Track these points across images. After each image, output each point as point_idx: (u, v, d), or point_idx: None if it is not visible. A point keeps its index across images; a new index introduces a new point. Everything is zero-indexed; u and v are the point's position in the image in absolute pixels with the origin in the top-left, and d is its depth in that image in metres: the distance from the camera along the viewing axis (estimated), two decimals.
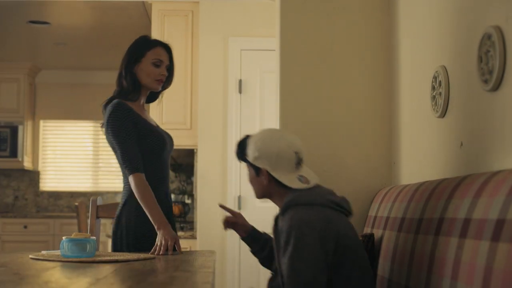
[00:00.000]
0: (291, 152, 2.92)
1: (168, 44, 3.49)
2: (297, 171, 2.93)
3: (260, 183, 2.98)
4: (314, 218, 2.73)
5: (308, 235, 2.68)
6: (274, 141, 2.94)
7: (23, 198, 9.63)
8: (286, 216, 2.80)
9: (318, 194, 2.87)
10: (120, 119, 3.26)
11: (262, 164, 2.93)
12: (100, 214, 3.64)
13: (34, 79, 9.65)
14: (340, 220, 2.81)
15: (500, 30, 2.40)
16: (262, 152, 2.93)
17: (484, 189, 2.12)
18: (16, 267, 2.36)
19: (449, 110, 2.93)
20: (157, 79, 3.39)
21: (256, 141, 2.97)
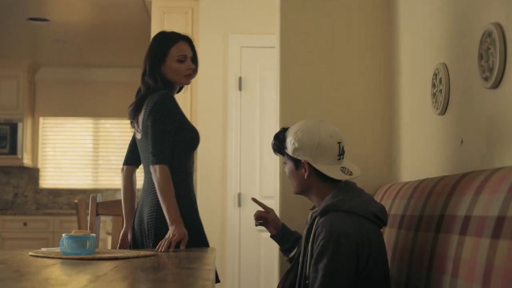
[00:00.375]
0: (334, 142, 2.78)
1: (188, 35, 3.44)
2: (339, 163, 2.80)
3: (300, 176, 2.83)
4: (352, 231, 2.59)
5: (344, 249, 2.55)
6: (314, 131, 2.79)
7: (23, 195, 9.63)
8: (324, 221, 2.65)
9: (360, 202, 2.70)
10: (167, 107, 3.20)
11: (302, 156, 2.78)
12: (100, 211, 3.64)
13: (33, 76, 9.65)
14: (375, 234, 2.66)
15: (501, 27, 2.39)
16: (302, 143, 2.78)
17: (485, 186, 2.12)
18: (16, 264, 2.36)
19: (450, 107, 2.93)
20: (185, 74, 3.35)
21: (295, 132, 2.83)
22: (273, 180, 4.58)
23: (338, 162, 2.79)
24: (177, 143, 3.23)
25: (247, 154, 5.83)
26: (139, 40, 7.91)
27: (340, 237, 2.56)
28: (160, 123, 3.17)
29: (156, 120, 3.18)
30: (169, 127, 3.18)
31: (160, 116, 3.18)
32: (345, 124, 3.88)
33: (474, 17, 2.67)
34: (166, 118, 3.18)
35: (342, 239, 2.55)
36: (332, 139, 2.78)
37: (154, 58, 3.34)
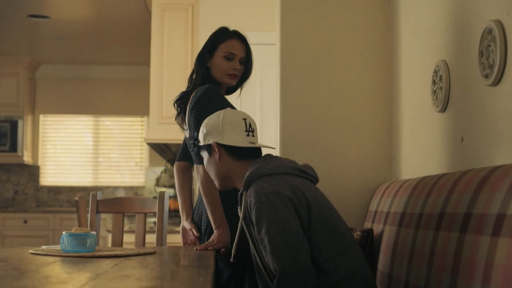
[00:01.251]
0: (238, 118, 2.75)
1: (244, 35, 3.33)
2: (248, 140, 2.74)
3: (214, 163, 2.77)
4: (281, 187, 2.51)
5: (279, 204, 2.46)
6: (218, 114, 2.78)
7: (23, 193, 9.64)
8: (250, 191, 2.57)
9: (279, 163, 2.65)
10: (210, 102, 3.07)
11: (211, 138, 2.75)
12: (100, 209, 3.64)
13: (34, 74, 9.65)
14: (307, 186, 2.59)
15: (501, 24, 2.39)
16: (209, 126, 2.76)
17: (485, 183, 2.12)
18: (16, 262, 2.36)
19: (450, 104, 2.93)
20: (228, 73, 3.23)
21: (203, 121, 2.83)
22: None
23: (247, 138, 2.74)
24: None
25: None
26: (140, 38, 7.91)
27: (269, 196, 2.48)
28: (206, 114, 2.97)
29: (198, 116, 3.05)
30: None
31: (203, 112, 3.03)
32: (346, 121, 3.88)
33: (474, 14, 2.67)
34: (209, 113, 2.97)
35: (272, 197, 2.48)
36: (236, 116, 2.76)
37: (204, 51, 3.27)
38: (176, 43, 6.03)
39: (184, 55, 5.91)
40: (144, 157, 9.77)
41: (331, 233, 2.53)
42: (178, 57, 6.02)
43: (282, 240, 2.43)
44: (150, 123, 6.14)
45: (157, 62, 6.00)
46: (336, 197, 3.29)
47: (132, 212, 3.66)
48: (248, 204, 2.56)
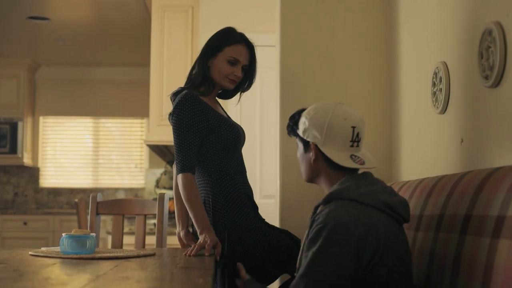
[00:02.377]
0: (347, 125, 2.48)
1: (252, 43, 3.27)
2: (351, 151, 2.49)
3: (307, 160, 2.56)
4: (354, 221, 2.26)
5: (340, 240, 2.23)
6: (328, 111, 2.50)
7: (23, 194, 9.63)
8: (326, 209, 2.35)
9: (372, 191, 2.38)
10: (186, 111, 3.03)
11: (311, 137, 2.51)
12: (100, 211, 3.64)
13: (33, 75, 9.65)
14: (388, 228, 2.31)
15: (501, 25, 2.39)
16: (313, 122, 2.50)
17: (485, 185, 2.12)
18: (15, 264, 2.35)
19: (450, 106, 2.93)
20: (228, 77, 3.15)
21: (309, 110, 2.57)
22: (273, 180, 4.58)
23: (350, 149, 2.48)
24: (210, 145, 3.09)
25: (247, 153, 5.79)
26: (139, 39, 7.91)
27: (337, 225, 2.25)
28: (181, 129, 3.02)
29: (176, 127, 3.04)
30: (192, 131, 3.03)
31: (180, 122, 3.02)
32: None
33: (474, 15, 2.67)
34: (186, 122, 3.02)
35: (338, 227, 2.25)
36: (345, 122, 2.48)
37: (208, 48, 3.20)
38: (176, 44, 6.03)
39: (184, 56, 5.91)
40: (144, 158, 9.77)
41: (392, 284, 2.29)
42: (178, 59, 6.02)
43: (321, 273, 2.25)
44: (150, 124, 6.15)
45: (157, 63, 6.00)
46: None
47: (132, 214, 3.66)
48: (316, 219, 2.36)
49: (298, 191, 3.69)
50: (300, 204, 3.47)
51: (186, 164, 2.99)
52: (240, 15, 5.85)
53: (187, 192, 2.96)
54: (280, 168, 3.87)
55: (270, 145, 5.59)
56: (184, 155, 2.99)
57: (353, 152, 2.49)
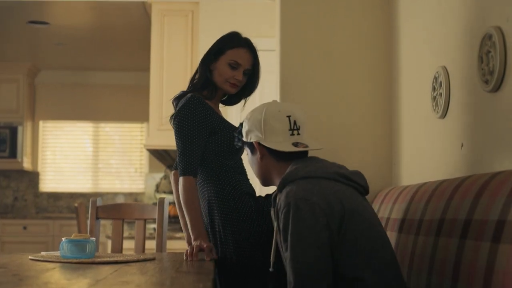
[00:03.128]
0: (282, 115, 2.58)
1: (256, 47, 3.24)
2: (292, 139, 2.57)
3: (256, 162, 2.66)
4: (312, 193, 2.32)
5: (306, 213, 2.28)
6: (261, 108, 2.63)
7: (23, 199, 9.63)
8: (281, 194, 2.41)
9: (320, 166, 2.47)
10: (191, 114, 3.01)
11: (253, 137, 2.61)
12: (99, 215, 3.63)
13: (33, 80, 9.66)
14: (348, 194, 2.37)
15: (501, 30, 2.39)
16: (251, 122, 2.62)
17: (485, 190, 2.12)
18: (15, 268, 2.35)
19: (450, 111, 2.93)
20: (229, 81, 3.13)
21: (247, 115, 2.68)
22: None
23: (291, 138, 2.57)
24: (212, 147, 3.07)
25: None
26: (139, 43, 7.92)
27: (298, 202, 2.30)
28: (185, 131, 3.01)
29: (179, 129, 3.03)
30: (196, 134, 3.01)
31: (184, 124, 3.02)
32: (345, 128, 3.88)
33: (474, 20, 2.67)
34: (191, 125, 3.01)
35: (301, 203, 2.29)
36: (280, 113, 2.58)
37: (211, 51, 3.19)
38: (176, 49, 6.03)
39: (184, 61, 5.91)
40: (144, 163, 9.77)
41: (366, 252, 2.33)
42: (178, 63, 6.02)
43: (301, 252, 2.28)
44: (150, 129, 6.15)
45: (157, 68, 6.00)
46: None
47: (131, 218, 3.66)
48: (277, 208, 2.40)
49: None
50: None
51: (189, 167, 2.98)
52: (240, 20, 5.85)
53: (187, 196, 2.95)
54: None
55: None
56: (187, 158, 2.98)
57: (295, 140, 2.56)
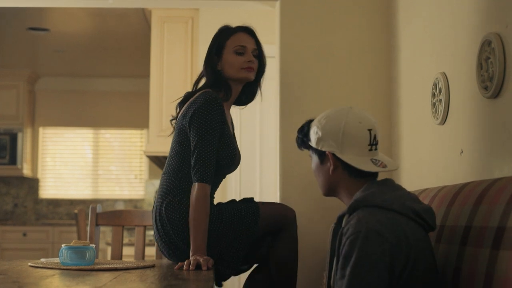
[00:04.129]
0: (363, 128, 2.38)
1: (250, 27, 3.12)
2: (370, 155, 2.38)
3: (325, 172, 2.42)
4: (385, 227, 2.13)
5: (375, 248, 2.10)
6: (341, 117, 2.39)
7: (23, 205, 9.62)
8: (352, 218, 2.21)
9: (397, 196, 2.26)
10: (211, 113, 2.85)
11: (326, 146, 2.39)
12: (99, 222, 3.63)
13: (33, 86, 9.66)
14: (417, 235, 2.18)
15: (500, 37, 2.39)
16: (327, 131, 2.39)
17: (485, 196, 2.12)
18: (15, 275, 2.35)
19: (449, 117, 2.93)
20: (243, 67, 2.98)
21: (320, 119, 2.45)
22: (273, 188, 4.57)
23: (369, 153, 2.37)
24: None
25: (247, 163, 5.82)
26: (139, 50, 7.92)
27: (369, 233, 2.12)
28: (207, 131, 2.85)
29: (201, 127, 2.86)
30: (215, 136, 2.87)
31: (206, 123, 2.86)
32: None
33: (473, 26, 2.67)
34: (213, 125, 2.85)
35: (372, 236, 2.11)
36: (361, 126, 2.38)
37: (210, 53, 3.06)
38: (175, 55, 6.04)
39: (184, 67, 5.92)
40: (144, 169, 9.76)
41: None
42: (178, 70, 6.02)
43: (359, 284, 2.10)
44: (149, 135, 6.15)
45: (157, 74, 6.01)
46: (336, 209, 3.28)
47: (131, 225, 3.65)
48: (344, 231, 2.21)
49: (298, 203, 3.68)
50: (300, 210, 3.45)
51: (208, 175, 2.84)
52: None
53: (203, 206, 2.81)
54: (280, 181, 3.87)
55: (270, 158, 5.59)
56: (207, 164, 2.84)
57: (372, 156, 2.38)
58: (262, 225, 2.96)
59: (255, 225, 2.94)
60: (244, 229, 2.93)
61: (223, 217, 2.93)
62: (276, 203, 3.20)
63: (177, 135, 2.97)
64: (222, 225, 2.92)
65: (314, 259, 3.17)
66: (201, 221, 2.80)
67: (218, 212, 2.93)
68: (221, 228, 2.91)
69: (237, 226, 2.93)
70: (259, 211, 2.97)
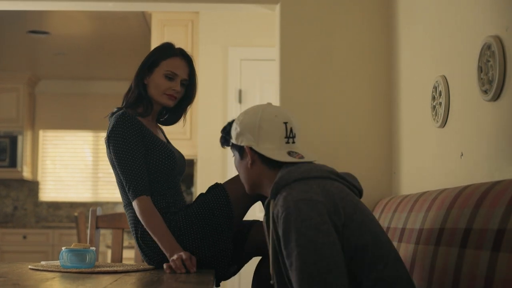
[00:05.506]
0: (279, 121, 2.41)
1: (191, 56, 3.08)
2: (287, 147, 2.41)
3: (245, 167, 2.47)
4: (313, 191, 2.16)
5: (310, 212, 2.10)
6: (257, 112, 2.44)
7: (23, 208, 9.62)
8: (278, 200, 2.21)
9: (314, 167, 2.30)
10: (125, 132, 2.85)
11: (244, 141, 2.43)
12: (99, 225, 3.63)
13: (33, 89, 9.66)
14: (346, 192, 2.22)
15: (500, 40, 2.40)
16: (244, 125, 2.44)
17: (485, 199, 2.12)
18: (15, 278, 2.35)
19: (449, 120, 2.93)
20: (166, 93, 2.97)
21: (238, 116, 2.51)
22: None
23: (286, 146, 2.40)
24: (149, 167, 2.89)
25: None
26: (139, 53, 7.90)
27: (299, 203, 2.12)
28: (122, 151, 2.83)
29: (116, 149, 2.85)
30: (135, 151, 2.84)
31: (120, 143, 2.84)
32: (345, 136, 3.88)
33: (473, 30, 2.67)
34: (126, 143, 2.83)
35: (302, 204, 2.12)
36: (276, 119, 2.41)
37: (144, 65, 3.05)
38: None
39: None
40: None
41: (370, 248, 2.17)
42: None
43: (313, 252, 2.06)
44: None
45: None
46: None
47: None
48: (275, 215, 2.20)
49: None
50: None
51: (139, 188, 2.80)
52: (240, 29, 5.87)
53: (149, 216, 2.77)
54: None
55: None
56: (134, 178, 2.80)
57: (290, 148, 2.40)
58: (238, 203, 2.89)
59: (228, 208, 2.88)
60: (220, 217, 2.87)
61: (192, 219, 2.87)
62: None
63: (110, 160, 2.94)
64: (196, 226, 2.86)
65: None
66: (160, 228, 2.76)
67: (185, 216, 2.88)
68: (196, 230, 2.85)
69: (211, 220, 2.87)
70: (226, 192, 2.91)
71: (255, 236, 2.96)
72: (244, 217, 3.01)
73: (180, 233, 2.83)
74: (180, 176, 3.08)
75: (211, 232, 2.86)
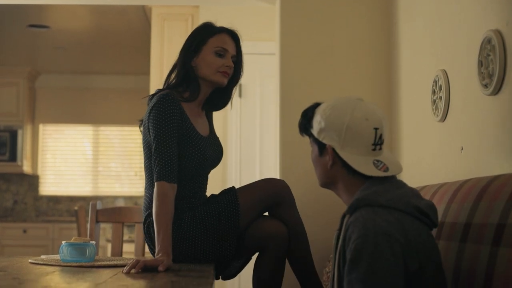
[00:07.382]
0: (369, 126, 2.19)
1: (236, 31, 2.96)
2: (373, 154, 2.21)
3: (323, 165, 2.27)
4: (394, 228, 1.99)
5: (387, 252, 1.95)
6: (346, 110, 2.21)
7: (23, 202, 9.63)
8: (356, 219, 2.05)
9: (401, 194, 2.12)
10: (165, 113, 2.71)
11: (328, 139, 2.23)
12: (99, 219, 3.63)
13: (33, 83, 9.66)
14: (422, 234, 2.06)
15: (500, 34, 2.39)
16: (329, 122, 2.22)
17: (485, 193, 2.12)
18: (15, 272, 2.35)
19: (450, 114, 2.93)
20: (220, 70, 2.83)
21: (325, 108, 2.27)
22: None
23: (372, 153, 2.20)
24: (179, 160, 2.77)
25: (247, 160, 5.83)
26: (139, 47, 7.92)
27: (379, 237, 1.96)
28: (161, 130, 2.71)
29: (156, 128, 2.72)
30: (172, 134, 2.72)
31: (160, 123, 2.71)
32: None
33: (473, 24, 2.67)
34: (167, 123, 2.71)
35: (382, 239, 1.96)
36: (367, 123, 2.19)
37: (189, 46, 2.89)
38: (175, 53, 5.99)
39: None
40: None
41: None
42: None
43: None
44: None
45: (157, 71, 6.00)
46: (337, 208, 3.28)
47: (131, 222, 3.65)
48: (348, 234, 2.05)
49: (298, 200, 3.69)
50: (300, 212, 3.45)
51: (165, 172, 2.69)
52: (240, 23, 5.82)
53: (162, 203, 2.65)
54: (280, 176, 3.87)
55: (270, 155, 5.59)
56: (164, 162, 2.69)
57: (375, 156, 2.21)
58: (248, 212, 2.83)
59: (236, 217, 2.81)
60: (225, 225, 2.80)
61: (197, 223, 2.81)
62: (259, 181, 3.02)
63: (144, 141, 2.86)
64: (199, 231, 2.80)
65: (315, 257, 3.16)
66: (166, 221, 2.64)
67: (190, 218, 2.81)
68: (198, 235, 2.79)
69: (216, 226, 2.80)
70: (238, 200, 2.84)
71: (254, 232, 2.92)
72: (250, 225, 2.90)
73: (181, 235, 2.79)
74: (211, 169, 3.01)
75: (213, 239, 2.80)
